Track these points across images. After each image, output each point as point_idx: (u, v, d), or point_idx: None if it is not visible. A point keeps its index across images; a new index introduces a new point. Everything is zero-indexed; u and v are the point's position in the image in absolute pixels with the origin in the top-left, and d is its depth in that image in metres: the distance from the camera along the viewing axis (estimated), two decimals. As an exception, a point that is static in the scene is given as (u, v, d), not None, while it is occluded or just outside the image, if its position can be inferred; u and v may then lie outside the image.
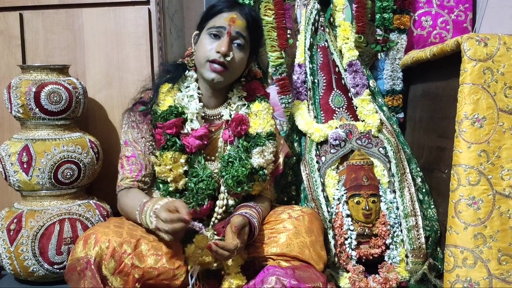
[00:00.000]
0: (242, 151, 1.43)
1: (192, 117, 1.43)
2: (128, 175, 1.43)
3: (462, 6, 2.09)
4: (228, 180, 1.39)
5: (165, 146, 1.39)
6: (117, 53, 1.90)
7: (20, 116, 1.66)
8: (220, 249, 1.23)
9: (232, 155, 1.42)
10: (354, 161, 1.72)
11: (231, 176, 1.39)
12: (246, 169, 1.40)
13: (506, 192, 1.44)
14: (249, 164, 1.42)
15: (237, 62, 1.42)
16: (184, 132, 1.42)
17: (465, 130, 1.45)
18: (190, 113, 1.43)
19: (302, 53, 1.93)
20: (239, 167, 1.40)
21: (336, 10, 1.92)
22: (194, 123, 1.43)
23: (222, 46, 1.38)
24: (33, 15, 1.91)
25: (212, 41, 1.41)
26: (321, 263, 1.36)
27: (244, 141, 1.46)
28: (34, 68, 1.69)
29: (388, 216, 1.65)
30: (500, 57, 1.45)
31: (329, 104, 1.90)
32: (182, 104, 1.43)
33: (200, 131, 1.41)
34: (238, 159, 1.41)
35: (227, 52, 1.38)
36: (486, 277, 1.41)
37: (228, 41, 1.39)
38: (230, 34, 1.39)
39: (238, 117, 1.46)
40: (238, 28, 1.41)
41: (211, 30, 1.41)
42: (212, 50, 1.39)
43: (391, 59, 2.06)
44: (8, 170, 1.63)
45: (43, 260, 1.59)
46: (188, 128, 1.42)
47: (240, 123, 1.46)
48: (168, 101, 1.43)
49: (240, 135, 1.47)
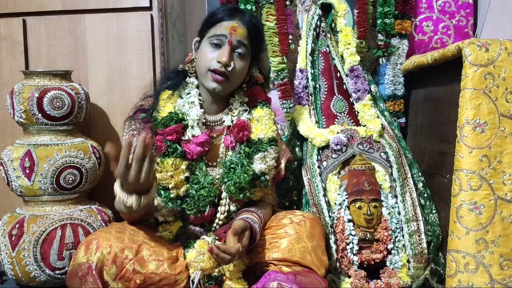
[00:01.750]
0: (244, 157, 1.43)
1: (193, 124, 1.42)
2: None
3: (463, 11, 2.09)
4: (230, 187, 1.39)
5: (166, 153, 1.38)
6: (120, 58, 1.91)
7: (22, 121, 1.67)
8: (221, 252, 1.23)
9: (234, 161, 1.41)
10: (356, 166, 1.72)
11: (233, 183, 1.39)
12: (248, 175, 1.40)
13: (508, 197, 1.43)
14: (251, 170, 1.42)
15: (238, 71, 1.42)
16: (185, 139, 1.41)
17: (467, 135, 1.45)
18: (191, 119, 1.42)
19: (304, 59, 1.93)
20: (241, 174, 1.39)
21: (338, 15, 1.93)
22: (195, 129, 1.42)
23: (223, 56, 1.37)
24: (36, 21, 1.92)
25: (213, 50, 1.40)
26: (322, 268, 1.36)
27: (246, 146, 1.46)
28: (37, 74, 1.69)
29: (389, 221, 1.65)
30: (501, 62, 1.45)
31: (330, 109, 1.90)
32: (182, 111, 1.43)
33: (201, 137, 1.41)
34: (240, 165, 1.41)
35: (228, 62, 1.38)
36: (488, 282, 1.40)
37: (229, 51, 1.38)
38: (231, 43, 1.39)
39: (240, 123, 1.46)
40: (239, 37, 1.40)
41: (212, 39, 1.40)
42: (213, 60, 1.39)
43: (393, 64, 2.06)
44: (11, 175, 1.64)
45: (44, 266, 1.59)
46: (189, 134, 1.42)
47: (242, 129, 1.46)
48: (168, 107, 1.42)
49: (242, 141, 1.47)
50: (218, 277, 1.34)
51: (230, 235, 1.28)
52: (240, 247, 1.26)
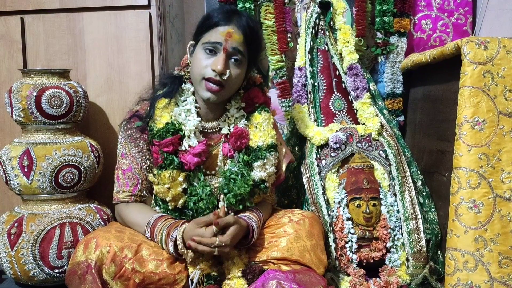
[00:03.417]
0: (243, 166, 1.40)
1: (190, 134, 1.38)
2: (124, 189, 1.41)
3: (462, 9, 2.09)
4: (231, 198, 1.36)
5: (163, 165, 1.35)
6: (118, 57, 1.91)
7: (21, 120, 1.66)
8: (222, 220, 1.26)
9: (234, 171, 1.38)
10: (355, 164, 1.72)
11: (234, 195, 1.36)
12: (248, 185, 1.37)
13: (507, 195, 1.44)
14: (251, 180, 1.39)
15: (234, 78, 1.36)
16: (182, 149, 1.37)
17: (466, 133, 1.45)
18: (187, 130, 1.38)
19: (303, 57, 1.93)
20: (241, 185, 1.36)
21: (336, 13, 1.93)
22: (191, 139, 1.38)
23: (218, 65, 1.31)
24: (34, 19, 1.92)
25: (207, 56, 1.34)
26: (321, 267, 1.36)
27: (245, 154, 1.42)
28: (35, 72, 1.69)
29: (388, 219, 1.65)
30: (500, 60, 1.45)
31: (329, 107, 1.90)
32: (179, 120, 1.39)
33: (198, 148, 1.37)
34: (240, 175, 1.38)
35: (223, 71, 1.32)
36: (487, 280, 1.41)
37: (225, 58, 1.32)
38: (226, 51, 1.32)
39: (238, 131, 1.41)
40: (235, 43, 1.34)
41: (206, 45, 1.34)
42: (208, 67, 1.33)
43: (391, 62, 2.06)
44: (9, 174, 1.64)
45: (43, 264, 1.59)
46: (186, 144, 1.37)
47: (240, 137, 1.41)
48: (164, 117, 1.38)
49: (240, 149, 1.42)
50: (217, 277, 1.34)
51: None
52: (236, 218, 1.30)
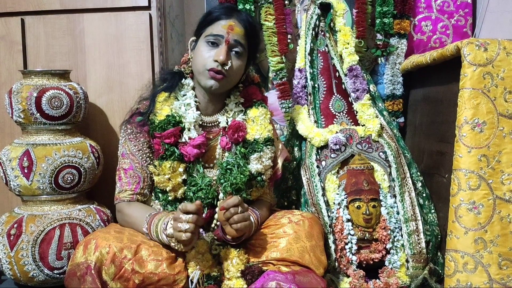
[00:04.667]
0: (240, 158, 1.44)
1: (190, 126, 1.43)
2: (126, 188, 1.43)
3: (462, 11, 2.09)
4: (227, 188, 1.40)
5: (164, 156, 1.39)
6: (118, 58, 1.91)
7: (21, 121, 1.67)
8: (226, 204, 1.27)
9: (231, 162, 1.42)
10: (355, 165, 1.72)
11: (230, 184, 1.39)
12: (244, 176, 1.41)
13: (507, 197, 1.44)
14: (247, 170, 1.42)
15: (235, 69, 1.43)
16: (182, 141, 1.42)
17: (465, 135, 1.45)
18: (187, 122, 1.43)
19: (303, 58, 1.93)
20: (237, 174, 1.40)
21: (337, 15, 1.93)
22: (191, 131, 1.43)
23: (220, 55, 1.37)
24: (35, 20, 1.92)
25: (210, 49, 1.40)
26: (321, 268, 1.36)
27: (242, 147, 1.46)
28: (36, 73, 1.69)
29: (388, 221, 1.65)
30: (500, 62, 1.45)
31: (329, 108, 1.90)
32: (179, 113, 1.43)
33: (197, 140, 1.41)
34: (236, 166, 1.41)
35: (225, 61, 1.38)
36: (486, 282, 1.41)
37: (226, 50, 1.39)
38: (228, 43, 1.39)
39: (235, 124, 1.46)
40: (236, 36, 1.41)
41: (209, 37, 1.41)
42: (210, 58, 1.39)
43: (391, 63, 2.06)
44: (9, 175, 1.64)
45: (43, 265, 1.59)
46: (186, 137, 1.42)
47: (237, 130, 1.46)
48: (165, 110, 1.42)
49: (237, 141, 1.47)
50: (217, 277, 1.33)
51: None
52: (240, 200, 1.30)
